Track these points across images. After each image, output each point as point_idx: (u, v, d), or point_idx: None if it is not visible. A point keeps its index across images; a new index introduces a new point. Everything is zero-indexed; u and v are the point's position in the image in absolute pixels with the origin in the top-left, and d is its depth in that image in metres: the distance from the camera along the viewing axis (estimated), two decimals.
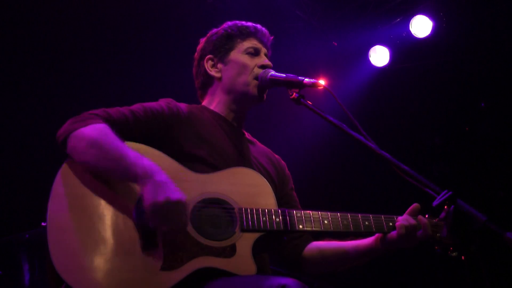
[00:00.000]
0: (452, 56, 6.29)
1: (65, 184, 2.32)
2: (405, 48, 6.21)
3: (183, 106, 2.73)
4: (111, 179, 2.36)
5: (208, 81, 2.90)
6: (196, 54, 2.98)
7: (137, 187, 2.33)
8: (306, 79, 2.57)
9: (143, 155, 2.34)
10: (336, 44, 6.22)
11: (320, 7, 5.97)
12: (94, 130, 2.37)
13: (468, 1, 5.82)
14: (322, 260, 2.79)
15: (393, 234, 2.60)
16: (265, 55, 2.88)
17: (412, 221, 2.60)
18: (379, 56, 6.26)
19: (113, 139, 2.35)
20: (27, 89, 5.13)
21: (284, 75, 2.66)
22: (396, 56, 6.28)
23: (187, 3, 5.46)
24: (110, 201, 2.32)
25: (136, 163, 2.29)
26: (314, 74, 5.93)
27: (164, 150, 2.50)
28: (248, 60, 2.82)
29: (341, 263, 2.78)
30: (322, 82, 2.58)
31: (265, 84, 2.75)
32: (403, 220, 2.60)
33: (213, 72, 2.87)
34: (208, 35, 2.97)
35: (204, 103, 2.92)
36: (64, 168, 2.36)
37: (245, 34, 2.88)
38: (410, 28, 5.96)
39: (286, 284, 2.07)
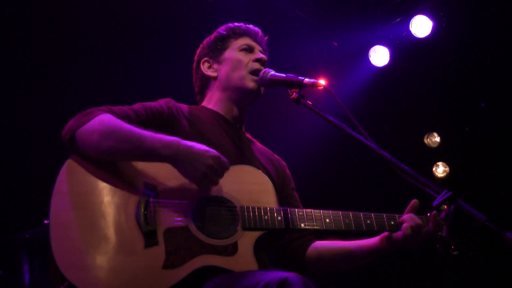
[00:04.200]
0: (452, 56, 6.30)
1: (67, 181, 2.33)
2: (405, 48, 6.21)
3: (182, 106, 2.75)
4: (115, 173, 2.37)
5: (206, 83, 2.95)
6: (194, 63, 3.03)
7: (140, 183, 2.35)
8: (306, 79, 2.58)
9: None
10: (336, 44, 6.22)
11: (320, 7, 5.97)
12: (102, 121, 2.37)
13: (468, 1, 5.82)
14: (326, 260, 2.78)
15: (399, 234, 2.60)
16: (261, 52, 2.91)
17: (418, 220, 2.60)
18: (379, 56, 6.26)
19: (123, 123, 2.37)
20: (28, 88, 5.14)
21: (284, 75, 2.67)
22: (396, 56, 6.28)
23: (187, 3, 5.46)
24: (113, 199, 2.32)
25: (156, 140, 2.32)
26: (314, 74, 5.92)
27: None
28: (242, 56, 2.86)
29: (346, 263, 2.78)
30: (322, 82, 2.58)
31: (265, 84, 2.77)
32: (409, 219, 2.60)
33: (209, 72, 2.92)
34: (203, 42, 3.02)
35: (203, 104, 2.94)
36: (67, 166, 2.36)
37: (238, 33, 2.94)
38: (410, 28, 5.96)
39: (288, 277, 2.07)
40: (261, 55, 2.86)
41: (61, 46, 5.19)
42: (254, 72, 2.81)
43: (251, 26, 2.99)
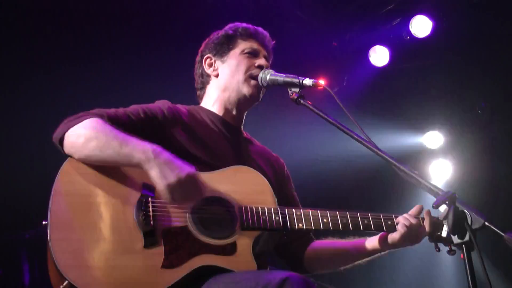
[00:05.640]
0: (452, 56, 6.29)
1: (66, 182, 2.34)
2: (405, 48, 6.21)
3: (180, 107, 2.75)
4: (113, 174, 2.38)
5: (206, 80, 2.94)
6: (197, 56, 3.01)
7: (138, 184, 2.36)
8: (306, 79, 2.58)
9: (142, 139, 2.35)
10: (336, 44, 6.22)
11: (320, 7, 5.96)
12: (89, 124, 2.40)
13: (468, 1, 5.82)
14: (324, 260, 2.80)
15: (395, 233, 2.61)
16: (265, 57, 2.90)
17: (413, 219, 2.61)
18: (379, 56, 6.26)
19: (110, 129, 2.38)
20: (27, 88, 5.13)
21: (284, 75, 2.67)
22: (396, 56, 6.28)
23: (187, 3, 5.46)
24: (111, 199, 2.33)
25: (136, 148, 2.31)
26: (314, 74, 5.91)
27: None
28: (245, 60, 2.85)
29: (344, 263, 2.81)
30: (322, 82, 2.58)
31: (265, 84, 2.76)
32: (404, 219, 2.61)
33: (210, 71, 2.91)
34: (210, 36, 3.00)
35: (202, 103, 2.95)
36: (65, 167, 2.38)
37: (245, 35, 2.91)
38: (410, 28, 5.96)
39: (289, 277, 2.08)
40: (264, 62, 2.85)
41: (60, 46, 5.18)
42: (255, 77, 2.80)
43: (259, 29, 2.97)
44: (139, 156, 2.29)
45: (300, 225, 2.55)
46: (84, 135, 2.36)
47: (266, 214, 2.49)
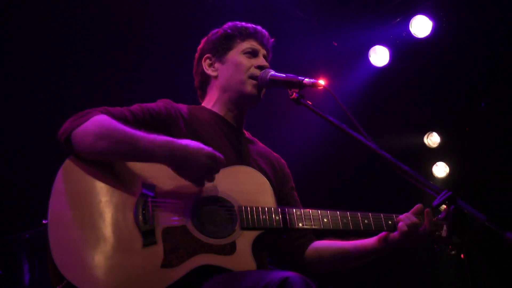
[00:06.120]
0: (452, 56, 6.29)
1: (66, 181, 2.34)
2: (405, 48, 6.21)
3: (181, 106, 2.75)
4: (113, 173, 2.37)
5: (206, 80, 2.94)
6: (196, 53, 3.00)
7: (138, 183, 2.36)
8: (306, 79, 2.58)
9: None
10: (336, 44, 6.22)
11: (320, 7, 5.97)
12: (97, 121, 2.38)
13: (468, 1, 5.82)
14: (325, 260, 2.79)
15: (395, 233, 2.61)
16: (264, 56, 2.90)
17: (414, 218, 2.60)
18: (379, 56, 6.26)
19: (119, 125, 2.37)
20: (27, 88, 5.14)
21: (284, 75, 2.67)
22: (396, 56, 6.28)
23: (187, 3, 5.46)
24: (111, 198, 2.33)
25: (153, 142, 2.32)
26: (314, 74, 5.92)
27: None
28: (245, 60, 2.84)
29: (344, 263, 2.79)
30: (322, 82, 2.58)
31: (265, 84, 2.77)
32: (405, 218, 2.61)
33: (210, 71, 2.91)
34: (208, 35, 2.99)
35: (203, 103, 2.95)
36: (65, 166, 2.37)
37: (244, 35, 2.91)
38: (410, 28, 5.96)
39: (289, 276, 2.08)
40: (264, 63, 2.84)
41: (59, 45, 5.19)
42: (255, 77, 2.81)
43: (258, 27, 2.96)
44: (158, 149, 2.31)
45: (300, 224, 2.55)
46: (94, 133, 2.34)
47: (266, 213, 2.49)
